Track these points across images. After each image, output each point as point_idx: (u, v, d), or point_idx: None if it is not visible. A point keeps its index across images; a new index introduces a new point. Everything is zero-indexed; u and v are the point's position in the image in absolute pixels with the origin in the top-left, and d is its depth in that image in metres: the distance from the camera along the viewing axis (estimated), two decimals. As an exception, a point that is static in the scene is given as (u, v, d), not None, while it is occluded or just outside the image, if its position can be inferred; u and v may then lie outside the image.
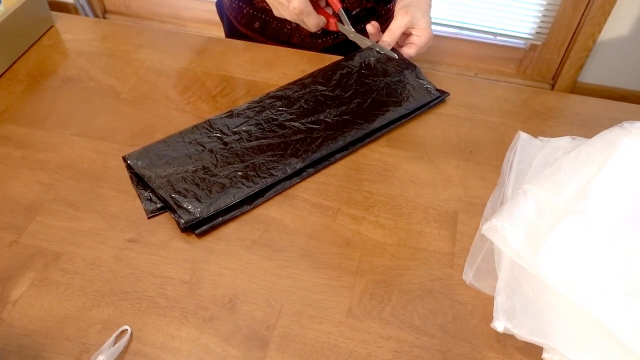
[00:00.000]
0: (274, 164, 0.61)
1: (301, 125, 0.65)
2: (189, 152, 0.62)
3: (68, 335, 0.49)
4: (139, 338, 0.49)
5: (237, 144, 0.63)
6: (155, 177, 0.59)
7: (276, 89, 0.70)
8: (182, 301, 0.51)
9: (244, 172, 0.60)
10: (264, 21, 0.86)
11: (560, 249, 0.50)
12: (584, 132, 0.68)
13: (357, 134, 0.65)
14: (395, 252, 0.56)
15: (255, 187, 0.59)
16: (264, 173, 0.60)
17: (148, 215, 0.58)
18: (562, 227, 0.51)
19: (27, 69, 0.75)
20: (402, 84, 0.71)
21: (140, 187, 0.60)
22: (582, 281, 0.48)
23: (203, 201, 0.57)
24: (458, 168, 0.64)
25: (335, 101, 0.69)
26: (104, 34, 0.82)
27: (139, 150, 0.62)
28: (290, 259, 0.55)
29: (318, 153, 0.63)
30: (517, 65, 1.97)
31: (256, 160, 0.61)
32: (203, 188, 0.58)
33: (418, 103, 0.70)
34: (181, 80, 0.74)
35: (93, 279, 0.53)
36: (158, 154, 0.62)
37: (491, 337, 0.49)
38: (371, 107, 0.68)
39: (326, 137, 0.64)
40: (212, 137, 0.64)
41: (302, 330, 0.50)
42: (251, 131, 0.65)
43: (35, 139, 0.66)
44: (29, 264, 0.54)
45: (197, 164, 0.61)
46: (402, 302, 0.52)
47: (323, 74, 0.73)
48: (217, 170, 0.60)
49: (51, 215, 0.58)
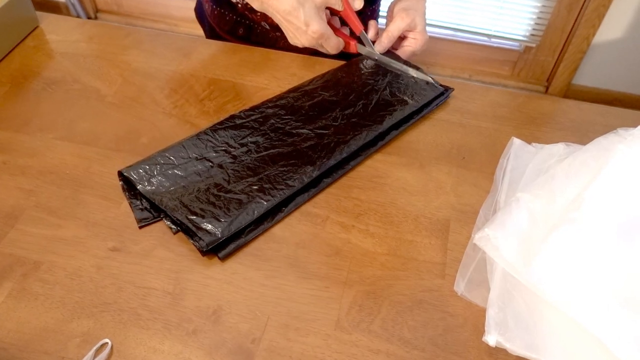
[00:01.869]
0: (289, 174, 0.59)
1: (310, 132, 0.63)
2: (197, 169, 0.59)
3: (46, 349, 0.47)
4: (120, 352, 0.47)
5: (246, 156, 0.61)
6: (167, 201, 0.56)
7: (275, 97, 0.68)
8: (165, 313, 0.50)
9: (260, 186, 0.57)
10: (248, 27, 0.84)
11: (554, 260, 0.49)
12: (578, 138, 0.67)
13: (369, 135, 0.63)
14: (385, 262, 0.54)
15: (274, 200, 0.56)
16: (280, 185, 0.58)
17: (139, 225, 0.56)
18: (555, 236, 0.50)
19: (10, 71, 0.73)
20: (405, 83, 0.71)
21: (132, 196, 0.58)
22: (576, 293, 0.47)
23: (222, 220, 0.54)
24: (450, 175, 0.63)
25: (339, 105, 0.67)
26: (91, 34, 0.80)
27: (139, 166, 0.59)
28: (278, 268, 0.53)
29: (332, 159, 0.61)
30: (512, 67, 1.97)
31: (270, 171, 0.59)
32: (220, 206, 0.55)
33: (424, 99, 0.69)
34: (168, 83, 0.72)
35: (73, 289, 0.51)
36: (164, 173, 0.58)
37: (483, 350, 0.48)
38: (377, 108, 0.67)
39: (337, 141, 0.62)
40: (219, 150, 0.61)
41: (289, 344, 0.48)
42: (259, 142, 0.62)
43: (16, 143, 0.64)
44: (7, 274, 0.52)
45: (208, 182, 0.58)
46: (391, 314, 0.50)
47: (323, 80, 0.71)
48: (230, 186, 0.57)
49: (31, 222, 0.56)
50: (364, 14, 0.87)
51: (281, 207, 0.57)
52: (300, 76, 0.73)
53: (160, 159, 0.60)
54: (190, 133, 0.65)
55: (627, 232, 0.51)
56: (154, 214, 0.57)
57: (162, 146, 0.63)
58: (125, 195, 0.58)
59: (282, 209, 0.57)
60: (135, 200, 0.58)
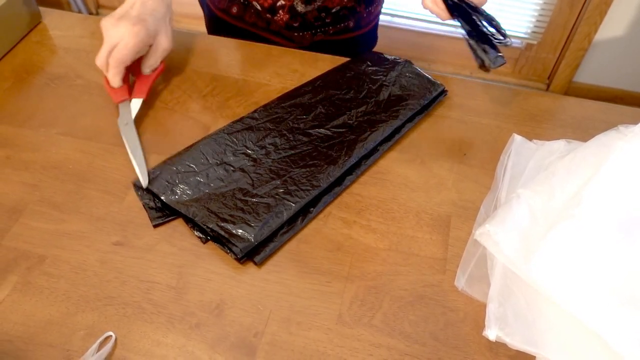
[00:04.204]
0: (313, 175, 0.59)
1: (327, 131, 0.64)
2: (219, 174, 0.59)
3: (51, 341, 0.48)
4: (124, 344, 0.48)
5: (266, 158, 0.61)
6: (195, 210, 0.55)
7: (285, 96, 0.69)
8: (168, 307, 0.50)
9: (285, 188, 0.57)
10: (242, 6, 0.84)
11: (554, 256, 0.49)
12: (578, 135, 0.67)
13: (387, 130, 0.64)
14: (386, 257, 0.55)
15: (301, 201, 0.56)
16: (306, 185, 0.58)
17: (153, 224, 0.56)
18: (555, 233, 0.50)
19: (13, 66, 0.74)
20: (412, 77, 0.72)
21: (146, 197, 0.58)
22: (576, 289, 0.47)
23: (253, 225, 0.54)
24: (451, 171, 0.63)
25: (352, 103, 0.68)
26: (93, 30, 0.80)
27: (158, 178, 0.58)
28: (280, 263, 0.54)
29: (354, 157, 0.61)
30: (513, 64, 1.97)
31: (293, 173, 0.59)
32: (249, 211, 0.55)
33: (431, 93, 0.70)
34: (171, 79, 0.72)
35: (77, 283, 0.52)
36: (186, 181, 0.58)
37: (483, 345, 0.49)
38: (390, 103, 0.68)
39: (356, 139, 0.63)
40: (238, 154, 0.61)
41: (291, 338, 0.49)
42: (277, 143, 0.62)
43: (20, 138, 0.64)
44: (11, 268, 0.52)
45: (232, 186, 0.58)
46: (393, 309, 0.51)
47: (332, 78, 0.71)
48: (256, 190, 0.57)
49: (35, 217, 0.57)
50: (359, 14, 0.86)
51: (309, 207, 0.57)
52: (302, 72, 0.74)
53: (180, 166, 0.59)
54: (193, 129, 0.65)
55: (627, 228, 0.51)
56: (167, 212, 0.57)
57: (165, 141, 0.64)
58: (137, 194, 0.58)
59: (311, 209, 0.57)
60: (148, 200, 0.58)
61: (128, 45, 0.62)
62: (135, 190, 0.59)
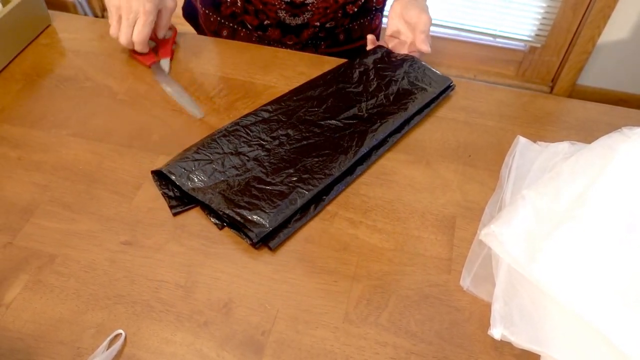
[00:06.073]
0: (325, 164, 0.61)
1: (338, 122, 0.66)
2: (234, 163, 0.60)
3: (62, 339, 0.48)
4: (133, 342, 0.48)
5: (280, 148, 0.62)
6: (211, 197, 0.57)
7: (297, 90, 0.70)
8: (177, 305, 0.51)
9: (298, 176, 0.59)
10: (232, 30, 0.86)
11: (558, 256, 0.49)
12: (583, 137, 0.67)
13: (396, 122, 0.66)
14: (392, 257, 0.55)
15: (314, 189, 0.58)
16: (319, 174, 0.59)
17: (173, 212, 0.58)
18: (560, 233, 0.51)
19: (23, 69, 0.75)
20: (421, 72, 0.73)
21: (164, 186, 0.60)
22: (580, 289, 0.48)
23: (268, 211, 0.55)
24: (456, 172, 0.64)
25: (362, 96, 0.69)
26: (102, 33, 0.81)
27: (175, 164, 0.60)
28: (287, 263, 0.54)
29: (365, 147, 0.63)
30: (517, 67, 1.97)
31: (305, 162, 0.61)
32: (263, 198, 0.57)
33: (440, 87, 0.71)
34: (178, 81, 0.73)
35: (87, 282, 0.52)
36: (202, 169, 0.59)
37: (488, 344, 0.49)
38: (399, 97, 0.69)
39: (367, 130, 0.65)
40: (252, 145, 0.62)
41: (298, 336, 0.49)
42: (290, 134, 0.64)
43: (31, 139, 0.65)
44: (23, 267, 0.53)
45: (246, 175, 0.59)
46: (399, 308, 0.51)
47: (342, 72, 0.73)
48: (270, 178, 0.59)
49: (46, 216, 0.57)
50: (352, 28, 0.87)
51: (322, 195, 0.59)
52: (309, 75, 0.74)
53: (195, 155, 0.61)
54: (201, 130, 0.66)
55: (631, 229, 0.51)
56: (185, 201, 0.58)
57: (173, 143, 0.65)
58: (156, 185, 0.60)
59: (323, 197, 0.59)
60: (167, 190, 0.59)
61: (146, 22, 0.71)
62: (154, 180, 0.60)
